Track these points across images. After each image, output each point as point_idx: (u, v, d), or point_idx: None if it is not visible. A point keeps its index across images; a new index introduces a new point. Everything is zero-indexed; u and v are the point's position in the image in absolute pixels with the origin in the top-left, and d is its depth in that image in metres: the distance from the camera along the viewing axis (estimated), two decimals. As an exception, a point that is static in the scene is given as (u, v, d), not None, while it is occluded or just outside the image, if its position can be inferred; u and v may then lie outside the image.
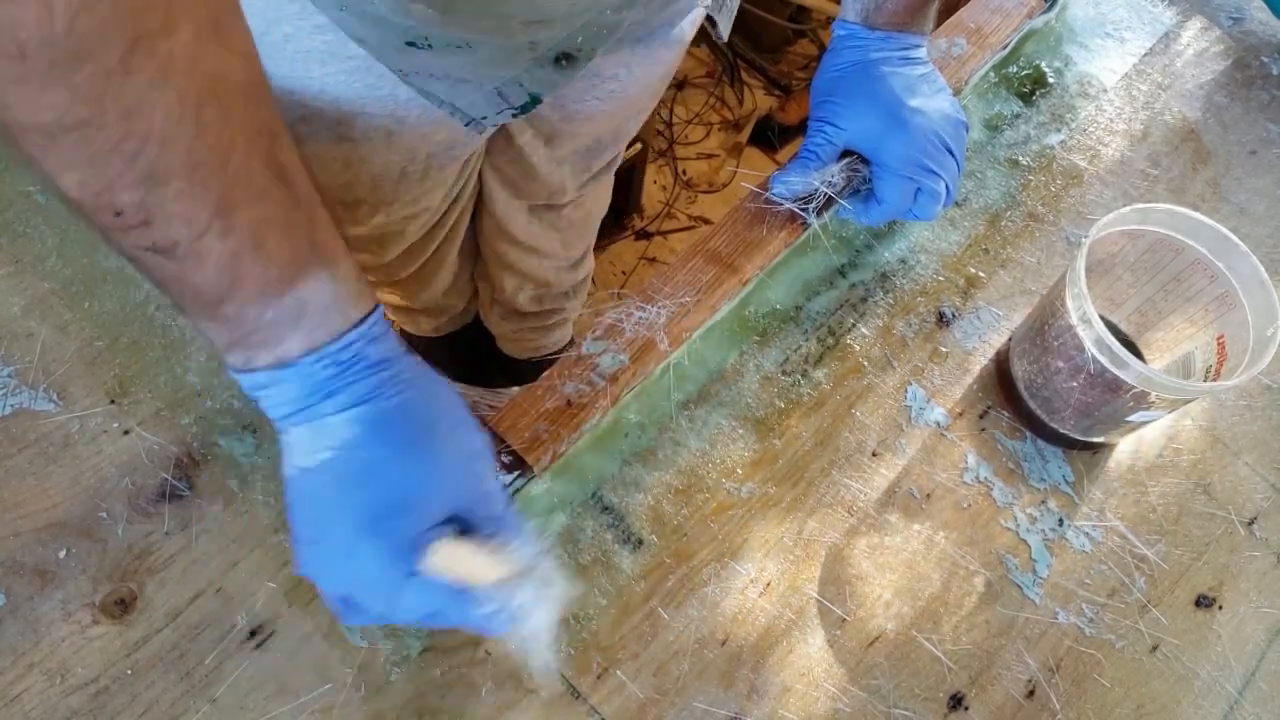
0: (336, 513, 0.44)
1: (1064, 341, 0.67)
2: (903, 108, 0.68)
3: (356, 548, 0.44)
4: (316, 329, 0.43)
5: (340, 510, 0.44)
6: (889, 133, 0.68)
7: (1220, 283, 0.69)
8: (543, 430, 0.63)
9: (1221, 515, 0.73)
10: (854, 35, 0.71)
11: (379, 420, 0.44)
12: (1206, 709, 0.66)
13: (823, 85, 0.72)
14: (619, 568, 0.65)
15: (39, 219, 0.69)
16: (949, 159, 0.69)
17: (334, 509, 0.44)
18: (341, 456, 0.44)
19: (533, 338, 1.32)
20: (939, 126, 0.69)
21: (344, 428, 0.44)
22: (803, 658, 0.64)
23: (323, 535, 0.45)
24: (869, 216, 0.72)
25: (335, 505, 0.44)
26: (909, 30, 0.71)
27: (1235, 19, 0.98)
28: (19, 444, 0.62)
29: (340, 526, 0.44)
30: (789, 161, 0.72)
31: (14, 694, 0.56)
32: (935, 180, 0.68)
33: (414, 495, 0.45)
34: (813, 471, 0.70)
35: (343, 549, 0.44)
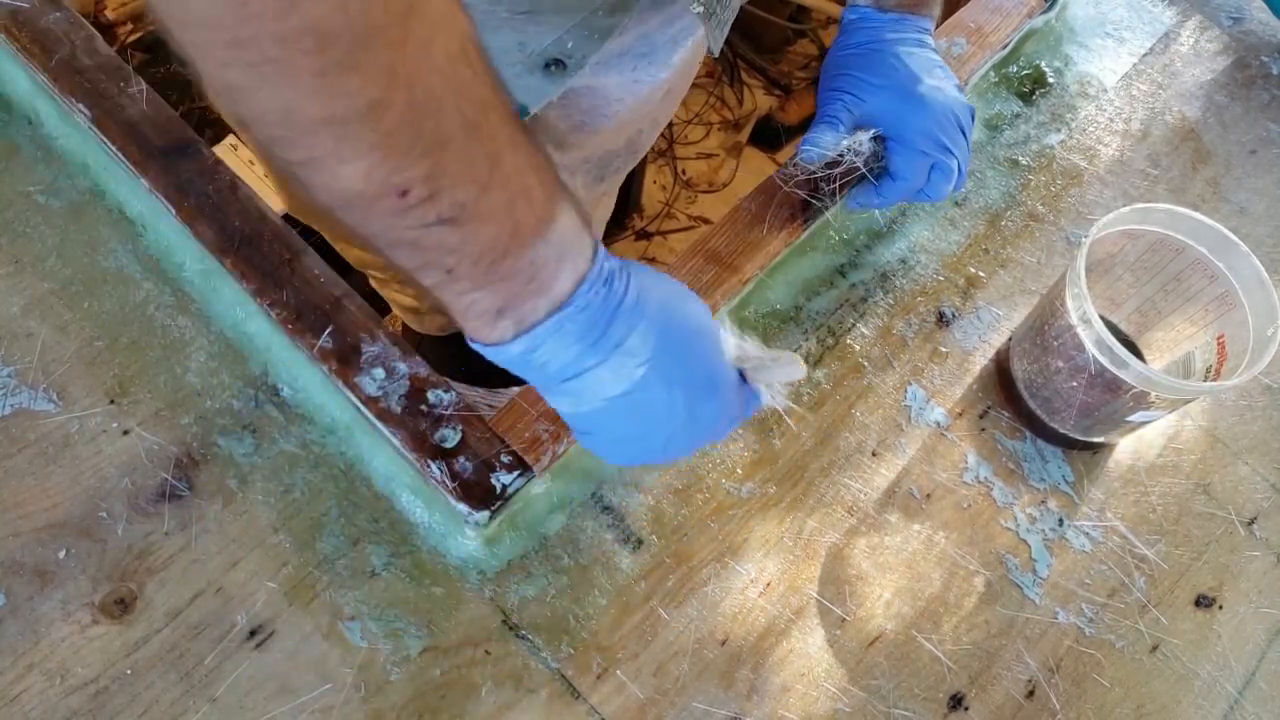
0: (673, 400, 0.48)
1: (1064, 341, 0.67)
2: (920, 84, 0.68)
3: (704, 409, 0.49)
4: (578, 258, 0.44)
5: (675, 397, 0.48)
6: (907, 107, 0.68)
7: (1220, 283, 0.69)
8: (543, 430, 0.63)
9: (1222, 515, 0.73)
10: (866, 18, 0.71)
11: (660, 314, 0.47)
12: (1207, 709, 0.66)
13: (836, 62, 0.71)
14: (619, 568, 0.65)
15: (39, 219, 0.69)
16: (962, 139, 0.69)
17: (668, 401, 0.48)
18: (656, 364, 0.47)
19: None
20: (954, 106, 0.69)
21: (643, 342, 0.46)
22: (803, 658, 0.64)
23: (659, 426, 0.49)
24: (882, 196, 0.71)
25: (668, 398, 0.48)
26: (919, 13, 0.71)
27: (1235, 19, 0.98)
28: (18, 444, 0.62)
29: (678, 408, 0.48)
30: (811, 129, 0.70)
31: (14, 694, 0.56)
32: (949, 158, 0.68)
33: (715, 347, 0.51)
34: (813, 471, 0.70)
35: (686, 421, 0.49)
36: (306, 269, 0.65)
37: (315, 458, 0.64)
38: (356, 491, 0.64)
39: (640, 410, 0.48)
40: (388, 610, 0.61)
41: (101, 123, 0.67)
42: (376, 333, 0.63)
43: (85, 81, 0.68)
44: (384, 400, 0.61)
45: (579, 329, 0.45)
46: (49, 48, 0.68)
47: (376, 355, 0.62)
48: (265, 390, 0.66)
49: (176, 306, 0.67)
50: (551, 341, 0.45)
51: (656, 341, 0.47)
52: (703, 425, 0.51)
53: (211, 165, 0.67)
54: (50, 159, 0.71)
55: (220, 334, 0.67)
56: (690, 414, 0.49)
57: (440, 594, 0.62)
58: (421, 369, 0.63)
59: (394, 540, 0.63)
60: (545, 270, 0.43)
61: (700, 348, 0.49)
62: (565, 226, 0.44)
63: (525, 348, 0.45)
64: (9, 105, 0.72)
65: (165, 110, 0.68)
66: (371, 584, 0.62)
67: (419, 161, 0.38)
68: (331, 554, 0.62)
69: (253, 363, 0.66)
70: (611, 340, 0.45)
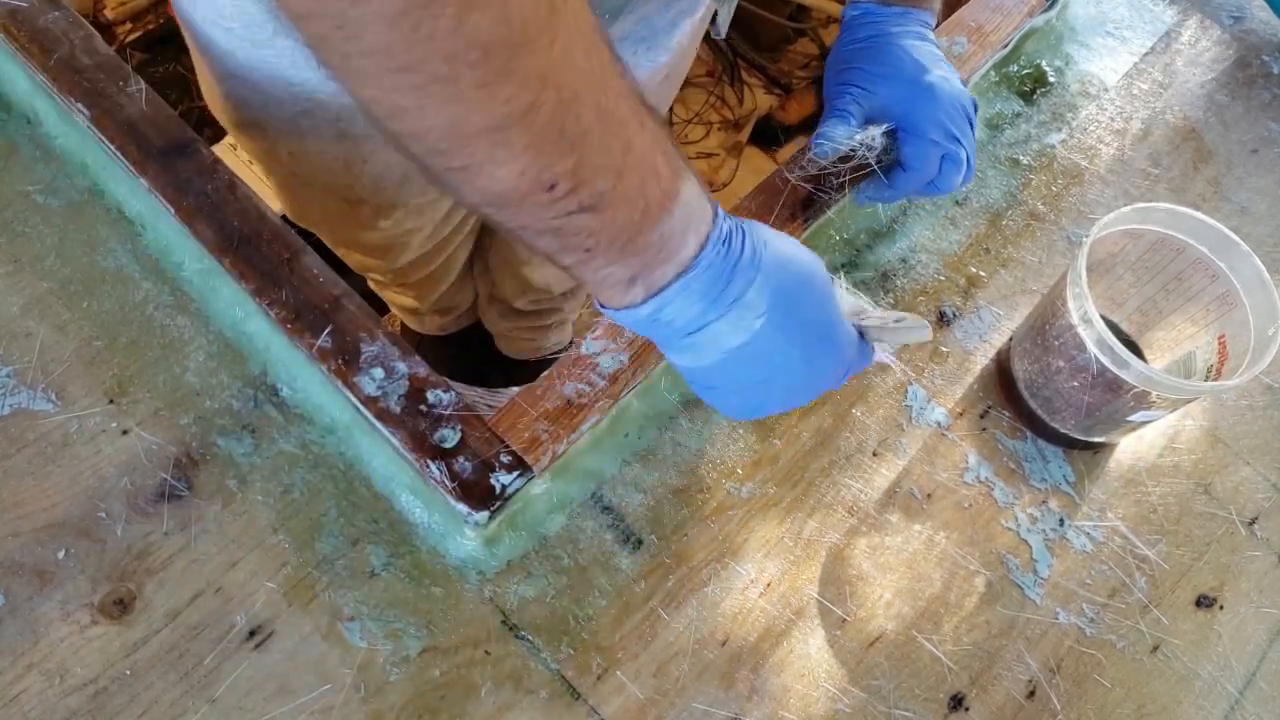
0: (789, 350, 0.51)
1: (1065, 341, 0.67)
2: (928, 74, 0.68)
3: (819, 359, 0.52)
4: (700, 223, 0.47)
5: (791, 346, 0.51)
6: (916, 98, 0.68)
7: (1221, 282, 0.69)
8: (543, 430, 0.63)
9: (1222, 515, 0.73)
10: (870, 13, 0.71)
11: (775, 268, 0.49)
12: (1207, 709, 0.66)
13: (843, 56, 0.71)
14: (619, 568, 0.65)
15: (38, 219, 0.69)
16: (969, 129, 0.69)
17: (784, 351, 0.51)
18: (773, 316, 0.49)
19: (530, 338, 1.31)
20: (961, 97, 0.69)
21: (760, 296, 0.49)
22: (803, 658, 0.64)
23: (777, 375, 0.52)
24: (894, 189, 0.70)
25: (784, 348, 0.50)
26: (921, 6, 0.71)
27: (1236, 18, 0.98)
28: (17, 444, 0.62)
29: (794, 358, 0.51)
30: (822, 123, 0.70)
31: (13, 694, 0.56)
32: (959, 148, 0.68)
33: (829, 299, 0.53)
34: (813, 471, 0.70)
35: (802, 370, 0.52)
36: (305, 268, 0.64)
37: (315, 458, 0.64)
38: (356, 492, 0.64)
39: (758, 360, 0.50)
40: (387, 610, 0.61)
41: (100, 122, 0.67)
42: (376, 332, 0.63)
43: (84, 81, 0.68)
44: (383, 400, 0.61)
45: (703, 287, 0.47)
46: (48, 47, 0.68)
47: (376, 355, 0.62)
48: (264, 390, 0.65)
49: (175, 306, 0.67)
50: (678, 301, 0.48)
51: (772, 295, 0.49)
52: (818, 373, 0.53)
53: (210, 165, 0.67)
54: (49, 158, 0.71)
55: (219, 334, 0.67)
56: (806, 363, 0.52)
57: (440, 594, 0.62)
58: (421, 369, 0.62)
59: (393, 540, 0.63)
60: (673, 240, 0.46)
61: (814, 299, 0.51)
62: (689, 196, 0.46)
63: (653, 309, 0.48)
64: (8, 104, 0.72)
65: (164, 110, 0.68)
66: (371, 584, 0.61)
67: (566, 156, 0.40)
68: (331, 554, 0.62)
69: (252, 363, 0.66)
70: (731, 295, 0.48)
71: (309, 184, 0.81)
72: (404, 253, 0.94)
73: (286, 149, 0.76)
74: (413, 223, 0.89)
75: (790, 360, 0.51)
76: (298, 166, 0.78)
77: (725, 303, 0.48)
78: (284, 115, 0.72)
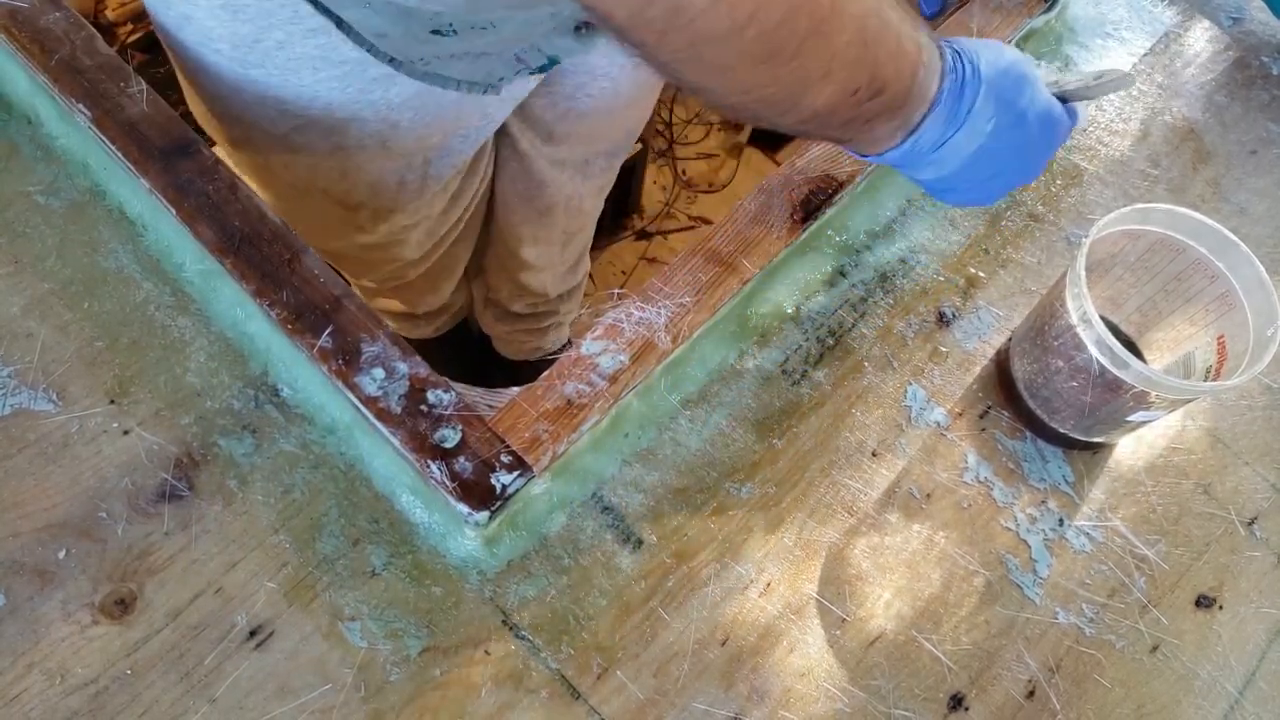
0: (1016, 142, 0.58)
1: (1064, 341, 0.67)
2: None
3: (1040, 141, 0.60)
4: (934, 60, 0.54)
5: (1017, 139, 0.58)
6: None
7: (1220, 283, 0.69)
8: (543, 430, 0.63)
9: (1222, 515, 0.73)
10: None
11: (992, 75, 0.56)
12: (1207, 709, 0.66)
13: None
14: (619, 568, 0.65)
15: (39, 219, 0.69)
16: None
17: (1013, 144, 0.58)
18: (999, 117, 0.57)
19: (528, 339, 1.31)
20: None
21: (986, 104, 0.56)
22: (803, 658, 0.64)
23: (1008, 164, 0.59)
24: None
25: (1012, 142, 0.58)
26: None
27: (1235, 19, 0.98)
28: (18, 444, 0.62)
29: (1021, 146, 0.58)
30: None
31: (14, 694, 0.56)
32: None
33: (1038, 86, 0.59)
34: (813, 471, 0.70)
35: (1029, 153, 0.60)
36: (306, 269, 0.65)
37: (315, 458, 0.64)
38: (356, 492, 0.64)
39: (992, 157, 0.58)
40: (388, 610, 0.61)
41: (101, 123, 0.67)
42: (376, 333, 0.63)
43: (85, 81, 0.68)
44: (384, 400, 0.61)
45: (945, 112, 0.55)
46: (49, 48, 0.68)
47: (376, 355, 0.62)
48: (265, 390, 0.66)
49: (176, 307, 0.67)
50: (928, 130, 0.56)
51: (996, 100, 0.56)
52: (1041, 153, 0.61)
53: (211, 165, 0.67)
54: (50, 159, 0.71)
55: (220, 334, 0.67)
56: (1031, 148, 0.60)
57: (440, 594, 0.62)
58: (421, 369, 0.63)
59: (394, 540, 0.63)
60: (927, 86, 0.54)
61: (1028, 93, 0.58)
62: (925, 42, 0.53)
63: (911, 144, 0.56)
64: (9, 105, 0.72)
65: (165, 110, 0.68)
66: (371, 584, 0.62)
67: (866, 68, 0.49)
68: (331, 554, 0.62)
69: (253, 363, 0.66)
70: (964, 110, 0.56)
71: (306, 193, 0.81)
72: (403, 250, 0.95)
73: (281, 162, 0.76)
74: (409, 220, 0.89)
75: (1018, 150, 0.59)
76: (294, 177, 0.78)
77: (960, 117, 0.56)
78: (277, 132, 0.72)
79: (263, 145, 0.74)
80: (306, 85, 0.67)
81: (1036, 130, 0.59)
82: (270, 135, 0.73)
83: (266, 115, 0.70)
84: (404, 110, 0.70)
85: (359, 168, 0.76)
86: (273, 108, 0.69)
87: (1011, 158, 0.59)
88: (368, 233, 0.88)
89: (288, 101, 0.68)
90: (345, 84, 0.67)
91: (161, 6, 0.68)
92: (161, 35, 0.72)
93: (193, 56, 0.69)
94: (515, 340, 1.31)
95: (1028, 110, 0.58)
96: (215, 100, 0.72)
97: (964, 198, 0.62)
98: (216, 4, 0.63)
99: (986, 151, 0.58)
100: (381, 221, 0.86)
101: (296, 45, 0.64)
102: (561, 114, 0.87)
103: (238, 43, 0.65)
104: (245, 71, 0.67)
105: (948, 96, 0.55)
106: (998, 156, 0.58)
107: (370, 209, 0.84)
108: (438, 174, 0.82)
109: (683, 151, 1.88)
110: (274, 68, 0.66)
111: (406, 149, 0.75)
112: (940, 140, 0.56)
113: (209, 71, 0.69)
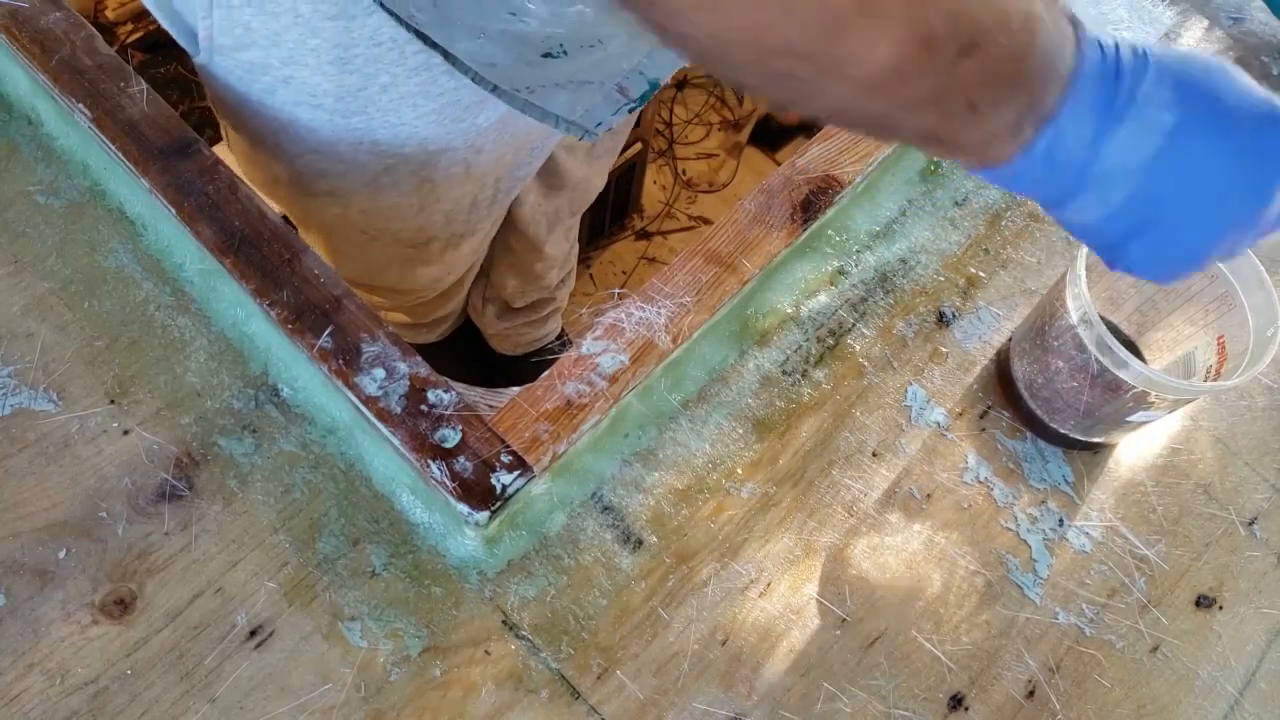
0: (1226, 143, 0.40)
1: (1064, 341, 0.67)
2: None
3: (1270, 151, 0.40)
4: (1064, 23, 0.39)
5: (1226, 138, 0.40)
6: None
7: (1220, 283, 0.69)
8: (543, 430, 0.63)
9: (1222, 515, 0.73)
10: None
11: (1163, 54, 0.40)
12: (1207, 709, 0.66)
13: None
14: (619, 568, 0.65)
15: (39, 219, 0.69)
16: None
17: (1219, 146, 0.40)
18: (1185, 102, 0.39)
19: (528, 331, 1.32)
20: None
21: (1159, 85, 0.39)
22: (803, 658, 0.64)
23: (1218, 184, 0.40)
24: None
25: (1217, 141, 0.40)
26: None
27: (1235, 19, 0.98)
28: (19, 444, 0.62)
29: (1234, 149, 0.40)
30: None
31: (14, 694, 0.56)
32: None
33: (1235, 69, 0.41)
34: (813, 471, 0.70)
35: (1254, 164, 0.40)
36: (306, 269, 0.65)
37: (315, 458, 0.64)
38: (356, 491, 0.64)
39: (1186, 167, 0.40)
40: (388, 610, 0.61)
41: (101, 123, 0.67)
42: (377, 333, 0.63)
43: (85, 81, 0.68)
44: (384, 400, 0.61)
45: (1090, 96, 0.39)
46: (49, 48, 0.68)
47: (377, 355, 0.62)
48: (265, 390, 0.66)
49: (176, 306, 0.67)
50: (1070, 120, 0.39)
51: (1175, 81, 0.39)
52: (1273, 171, 0.41)
53: (211, 165, 0.67)
54: (50, 159, 0.71)
55: (220, 334, 0.67)
56: (1253, 159, 0.40)
57: (440, 594, 0.62)
58: (422, 369, 0.63)
59: (394, 540, 0.63)
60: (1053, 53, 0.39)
61: (1228, 79, 0.40)
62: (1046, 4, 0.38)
63: (1048, 141, 0.40)
64: (9, 105, 0.72)
65: (165, 110, 0.68)
66: (371, 584, 0.62)
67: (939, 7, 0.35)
68: (331, 554, 0.62)
69: (253, 363, 0.66)
70: (1124, 91, 0.39)
71: (377, 238, 0.80)
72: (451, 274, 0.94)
73: (359, 209, 0.75)
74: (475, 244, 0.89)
75: (1229, 159, 0.40)
76: (369, 223, 0.77)
77: (1121, 103, 0.39)
78: (364, 178, 0.71)
79: (347, 193, 0.73)
80: (406, 123, 0.66)
81: (1263, 133, 0.40)
82: (358, 182, 0.72)
83: (358, 161, 0.70)
84: (489, 134, 0.69)
85: (438, 199, 0.75)
86: (367, 152, 0.68)
87: (1227, 171, 0.40)
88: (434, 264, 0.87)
89: (383, 143, 0.67)
90: (441, 115, 0.66)
91: (251, 76, 0.66)
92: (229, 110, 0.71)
93: (282, 117, 0.68)
94: (515, 334, 1.32)
95: (1240, 104, 0.40)
96: (301, 157, 0.71)
97: (1180, 253, 0.42)
98: (325, 60, 0.62)
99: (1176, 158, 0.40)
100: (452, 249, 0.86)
101: (400, 85, 0.63)
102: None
103: (342, 94, 0.64)
104: (346, 120, 0.66)
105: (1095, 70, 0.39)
106: (1198, 171, 0.40)
107: (441, 241, 0.83)
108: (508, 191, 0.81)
109: (683, 151, 1.88)
110: (375, 111, 0.65)
111: (485, 171, 0.75)
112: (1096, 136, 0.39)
113: (304, 128, 0.68)
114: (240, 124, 0.73)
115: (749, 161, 1.89)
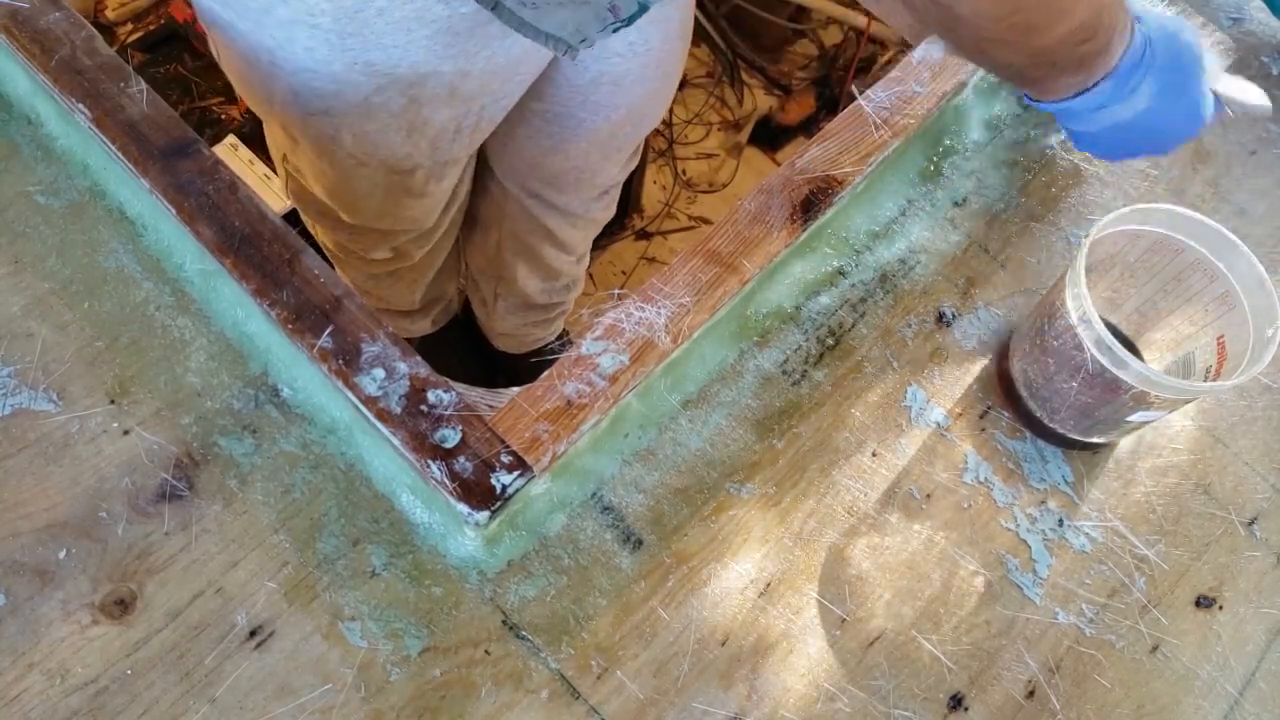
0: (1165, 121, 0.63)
1: (1064, 342, 0.67)
2: None
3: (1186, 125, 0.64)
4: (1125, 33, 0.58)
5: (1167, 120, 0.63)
6: None
7: (1220, 283, 0.69)
8: (543, 430, 0.63)
9: (1221, 515, 0.73)
10: None
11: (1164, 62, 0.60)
12: (1206, 709, 0.66)
13: None
14: (619, 568, 0.65)
15: (39, 219, 0.69)
16: None
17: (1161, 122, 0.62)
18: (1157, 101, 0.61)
19: (534, 331, 1.33)
20: None
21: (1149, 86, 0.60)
22: (803, 658, 0.64)
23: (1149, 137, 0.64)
24: None
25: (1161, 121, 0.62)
26: None
27: (1235, 19, 0.98)
28: (19, 444, 0.62)
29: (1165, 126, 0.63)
30: None
31: (14, 694, 0.56)
32: None
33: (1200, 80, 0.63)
34: (813, 471, 0.70)
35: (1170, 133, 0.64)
36: (306, 269, 0.65)
37: (315, 458, 0.64)
38: (356, 491, 0.64)
39: (1138, 129, 0.63)
40: (388, 610, 0.61)
41: (101, 123, 0.67)
42: (376, 333, 0.63)
43: (85, 81, 0.68)
44: (384, 400, 0.61)
45: (1112, 86, 0.59)
46: (49, 48, 0.68)
47: (376, 355, 0.62)
48: (265, 390, 0.66)
49: (176, 306, 0.67)
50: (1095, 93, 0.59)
51: (1157, 85, 0.61)
52: (1182, 134, 0.65)
53: (211, 165, 0.67)
54: (50, 159, 0.71)
55: (220, 334, 0.67)
56: (1172, 129, 0.64)
57: (440, 594, 0.62)
58: (421, 369, 0.63)
59: (394, 540, 0.63)
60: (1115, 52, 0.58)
61: (1189, 84, 0.62)
62: (1125, 14, 0.58)
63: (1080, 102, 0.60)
64: (9, 105, 0.72)
65: (165, 110, 0.68)
66: (371, 584, 0.62)
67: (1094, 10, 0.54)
68: (331, 554, 0.62)
69: (253, 363, 0.66)
70: (1128, 88, 0.60)
71: (365, 164, 0.82)
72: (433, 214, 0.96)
73: (350, 132, 0.78)
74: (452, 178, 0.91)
75: (1164, 127, 0.63)
76: (358, 146, 0.80)
77: (1124, 93, 0.60)
78: (356, 97, 0.73)
79: (339, 113, 0.76)
80: (399, 47, 0.68)
81: (1182, 120, 0.63)
82: (350, 102, 0.74)
83: (351, 81, 0.72)
84: (478, 59, 0.72)
85: (426, 121, 0.77)
86: (360, 73, 0.71)
87: (1156, 134, 0.64)
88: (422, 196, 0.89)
89: (376, 64, 0.70)
90: (433, 41, 0.68)
91: None
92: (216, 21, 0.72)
93: (278, 35, 0.70)
94: (522, 333, 1.32)
95: (1184, 100, 0.62)
96: (296, 74, 0.72)
97: (1100, 152, 0.67)
98: None
99: (1135, 124, 0.62)
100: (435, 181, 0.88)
101: (396, 10, 0.65)
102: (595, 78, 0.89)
103: (339, 15, 0.66)
104: (341, 41, 0.68)
105: (1125, 69, 0.59)
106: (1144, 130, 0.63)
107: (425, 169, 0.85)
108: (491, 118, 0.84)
109: (683, 151, 1.88)
110: (370, 33, 0.67)
111: (471, 94, 0.77)
112: (1099, 105, 0.60)
113: (301, 46, 0.70)
114: (234, 41, 0.74)
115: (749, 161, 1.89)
